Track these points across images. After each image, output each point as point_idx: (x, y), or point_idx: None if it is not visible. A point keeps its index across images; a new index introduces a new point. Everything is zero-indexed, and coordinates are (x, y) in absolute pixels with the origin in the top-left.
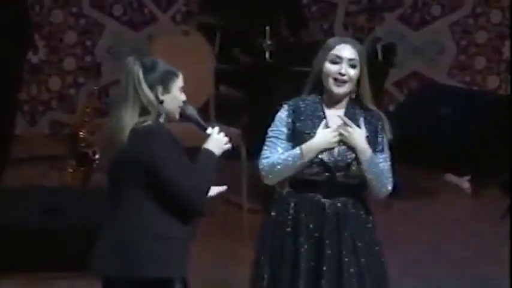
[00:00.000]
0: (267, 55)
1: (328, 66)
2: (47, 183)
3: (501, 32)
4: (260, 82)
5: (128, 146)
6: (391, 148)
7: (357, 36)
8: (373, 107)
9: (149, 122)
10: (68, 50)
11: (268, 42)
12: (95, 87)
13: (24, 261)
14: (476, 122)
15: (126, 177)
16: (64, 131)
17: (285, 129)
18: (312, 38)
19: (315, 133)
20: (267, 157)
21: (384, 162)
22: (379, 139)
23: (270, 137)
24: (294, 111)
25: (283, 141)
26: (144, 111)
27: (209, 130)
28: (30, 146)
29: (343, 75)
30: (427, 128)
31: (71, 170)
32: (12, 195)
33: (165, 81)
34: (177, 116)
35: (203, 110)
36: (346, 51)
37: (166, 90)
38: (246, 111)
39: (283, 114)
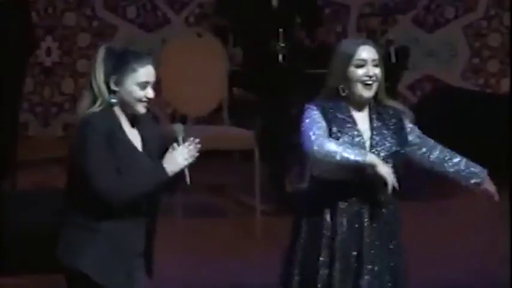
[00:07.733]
0: (280, 57)
1: (354, 71)
2: (60, 185)
3: None
4: (273, 84)
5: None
6: None
7: (369, 38)
8: (391, 103)
9: (94, 110)
10: (81, 52)
11: (282, 45)
12: None
13: (37, 263)
14: (490, 124)
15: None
16: None
17: (322, 120)
18: (324, 40)
19: (344, 134)
20: (318, 138)
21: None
22: (404, 131)
23: (309, 121)
24: (324, 111)
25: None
26: (97, 99)
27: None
28: (43, 148)
29: (371, 76)
30: (440, 131)
31: None
32: (26, 198)
33: (119, 73)
34: (140, 110)
35: (216, 112)
36: (368, 52)
37: (119, 82)
38: (259, 113)
39: (316, 112)
